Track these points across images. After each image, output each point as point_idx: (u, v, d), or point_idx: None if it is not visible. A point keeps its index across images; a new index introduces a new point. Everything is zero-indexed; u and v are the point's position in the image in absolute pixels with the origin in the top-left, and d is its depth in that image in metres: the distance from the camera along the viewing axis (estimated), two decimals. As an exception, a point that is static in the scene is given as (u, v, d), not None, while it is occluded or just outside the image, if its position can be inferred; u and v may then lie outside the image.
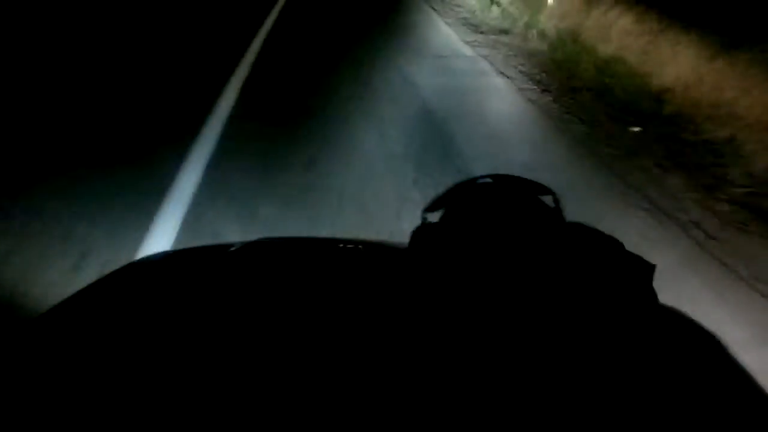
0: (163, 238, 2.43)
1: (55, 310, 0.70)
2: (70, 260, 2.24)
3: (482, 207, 0.68)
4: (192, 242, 2.26)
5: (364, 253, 0.89)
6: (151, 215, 2.56)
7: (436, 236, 0.67)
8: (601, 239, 0.67)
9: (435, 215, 0.72)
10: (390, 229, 2.54)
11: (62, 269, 2.20)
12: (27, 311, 1.98)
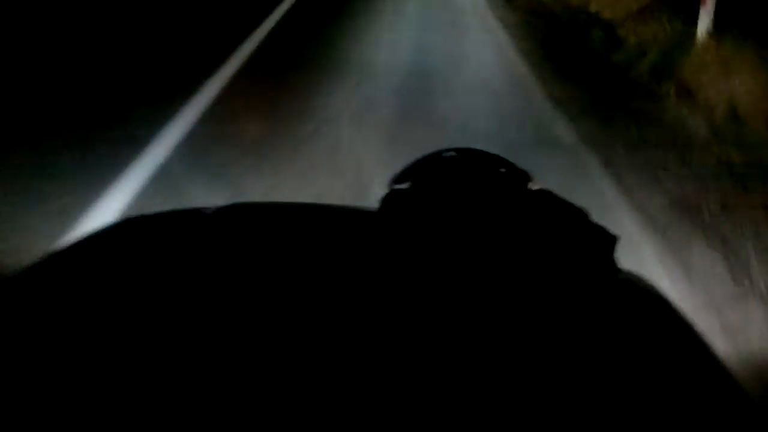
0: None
1: (20, 274, 0.68)
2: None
3: (448, 177, 0.70)
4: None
5: (336, 217, 0.90)
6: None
7: (404, 202, 0.70)
8: (565, 208, 0.68)
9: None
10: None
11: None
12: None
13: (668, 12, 5.21)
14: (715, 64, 4.12)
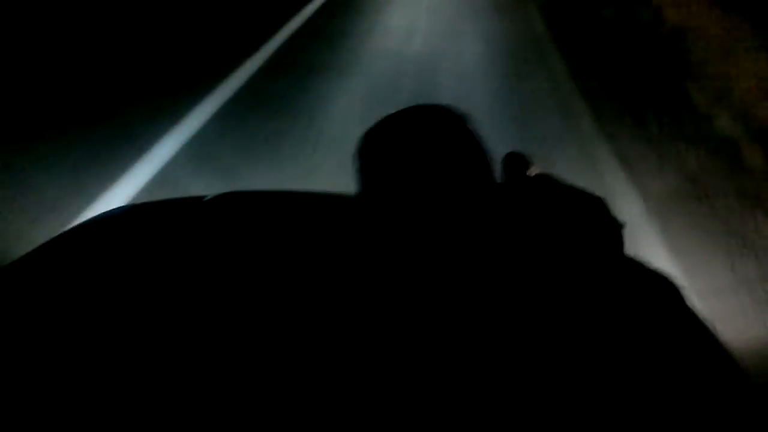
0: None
1: (17, 263, 0.70)
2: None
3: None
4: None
5: (330, 204, 0.89)
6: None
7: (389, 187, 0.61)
8: (570, 195, 0.67)
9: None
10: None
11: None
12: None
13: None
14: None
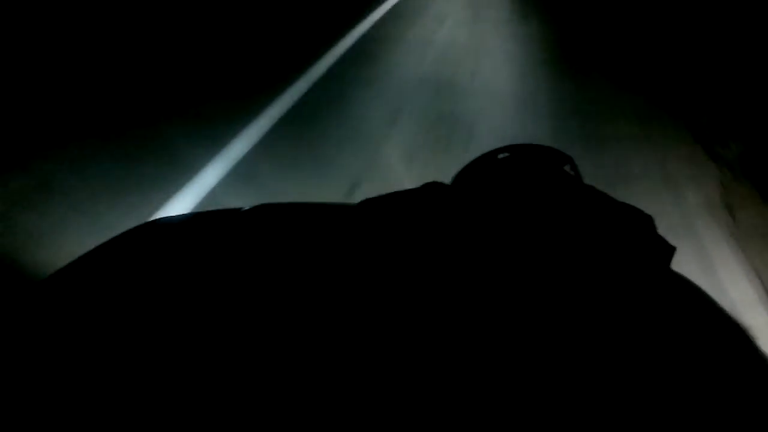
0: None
1: (63, 271, 0.70)
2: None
3: (503, 179, 0.67)
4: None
5: (367, 216, 0.89)
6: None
7: (448, 197, 0.65)
8: (617, 208, 0.65)
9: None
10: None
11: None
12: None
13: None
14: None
